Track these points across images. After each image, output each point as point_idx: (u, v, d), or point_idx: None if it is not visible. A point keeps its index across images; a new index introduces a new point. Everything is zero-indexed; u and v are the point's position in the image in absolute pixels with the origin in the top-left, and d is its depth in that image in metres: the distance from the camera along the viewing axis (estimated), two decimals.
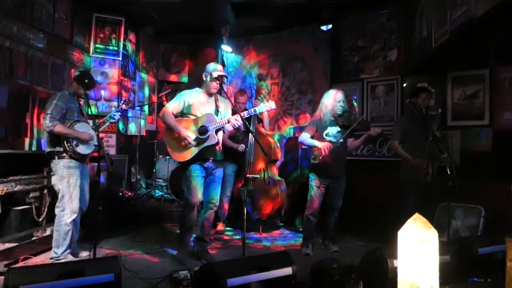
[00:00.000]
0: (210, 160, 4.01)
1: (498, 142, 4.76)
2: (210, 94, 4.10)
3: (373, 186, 5.35)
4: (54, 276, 2.51)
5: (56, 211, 3.75)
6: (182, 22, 7.21)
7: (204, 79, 4.08)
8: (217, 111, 4.07)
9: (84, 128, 3.83)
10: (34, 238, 4.02)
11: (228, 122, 3.84)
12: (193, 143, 3.87)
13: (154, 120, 8.04)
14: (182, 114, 4.05)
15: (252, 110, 3.82)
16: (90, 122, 3.93)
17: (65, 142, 3.71)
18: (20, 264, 3.69)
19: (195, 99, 4.05)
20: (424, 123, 4.36)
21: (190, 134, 3.88)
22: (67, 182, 3.72)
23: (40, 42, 5.22)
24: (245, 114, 3.81)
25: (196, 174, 3.95)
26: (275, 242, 5.03)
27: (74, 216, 3.75)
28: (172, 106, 4.02)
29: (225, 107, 4.15)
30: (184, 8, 6.36)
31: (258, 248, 4.71)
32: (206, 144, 3.89)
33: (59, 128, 3.66)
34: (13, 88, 4.75)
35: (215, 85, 4.00)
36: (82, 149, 3.78)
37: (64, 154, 3.73)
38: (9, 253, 3.69)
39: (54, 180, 3.78)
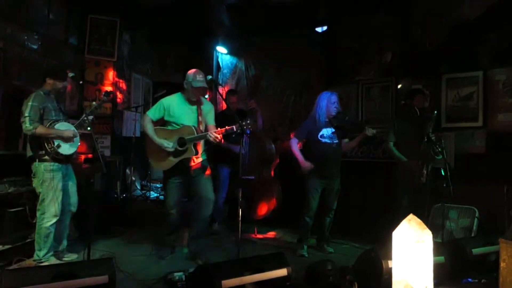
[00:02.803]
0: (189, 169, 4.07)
1: (492, 143, 4.79)
2: (191, 101, 4.11)
3: (368, 187, 5.36)
4: (48, 278, 2.50)
5: (37, 214, 3.71)
6: (177, 24, 7.19)
7: (185, 86, 4.06)
8: (197, 118, 4.08)
9: (64, 127, 3.75)
10: (28, 240, 4.00)
11: (206, 136, 3.86)
12: (170, 149, 3.94)
13: None
14: (165, 122, 4.09)
15: (234, 127, 3.69)
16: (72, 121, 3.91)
17: (45, 144, 3.61)
18: (14, 266, 3.67)
19: (175, 106, 4.08)
20: (419, 125, 4.37)
21: (165, 142, 3.94)
22: (48, 185, 3.66)
23: (35, 43, 5.20)
24: (226, 130, 3.76)
25: (173, 180, 4.09)
26: (270, 244, 5.02)
27: (55, 219, 3.71)
28: (152, 114, 4.08)
29: (208, 112, 4.18)
30: (180, 9, 6.35)
31: (253, 249, 4.71)
32: (184, 156, 3.94)
33: (40, 129, 3.57)
34: (7, 89, 4.73)
35: (195, 94, 4.03)
36: (64, 150, 3.70)
37: (46, 157, 3.65)
38: (3, 255, 3.67)
39: (35, 183, 3.72)
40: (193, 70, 4.06)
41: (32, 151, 3.71)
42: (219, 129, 3.82)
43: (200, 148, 4.09)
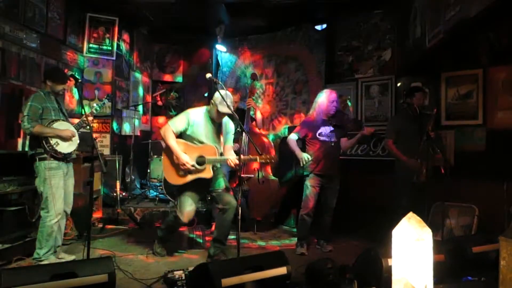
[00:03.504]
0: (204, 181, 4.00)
1: (491, 141, 4.78)
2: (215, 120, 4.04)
3: (367, 185, 5.36)
4: (47, 277, 2.50)
5: (41, 212, 3.73)
6: (176, 22, 7.19)
7: (211, 105, 3.96)
8: (219, 139, 4.05)
9: (63, 127, 3.77)
10: (27, 239, 4.00)
11: (226, 161, 3.88)
12: (192, 168, 3.85)
13: (149, 120, 8.01)
14: (185, 135, 3.99)
15: (254, 157, 3.90)
16: (72, 120, 3.90)
17: (44, 143, 3.64)
18: (13, 265, 3.67)
19: (200, 123, 3.98)
20: (419, 123, 4.37)
21: (189, 160, 3.84)
22: (49, 184, 3.67)
23: (33, 42, 5.18)
24: (250, 159, 3.97)
25: (188, 193, 4.00)
26: (269, 242, 5.03)
27: (59, 217, 3.72)
28: (175, 125, 3.92)
29: (229, 132, 4.12)
30: (179, 8, 6.34)
31: (253, 248, 4.71)
32: (200, 175, 3.89)
33: (38, 128, 3.60)
34: (5, 88, 4.72)
35: (218, 117, 3.94)
36: (63, 148, 3.72)
37: (45, 155, 3.67)
38: (2, 254, 3.67)
39: (36, 182, 3.75)
40: (223, 92, 3.74)
41: (31, 149, 3.74)
42: (242, 156, 3.75)
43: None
